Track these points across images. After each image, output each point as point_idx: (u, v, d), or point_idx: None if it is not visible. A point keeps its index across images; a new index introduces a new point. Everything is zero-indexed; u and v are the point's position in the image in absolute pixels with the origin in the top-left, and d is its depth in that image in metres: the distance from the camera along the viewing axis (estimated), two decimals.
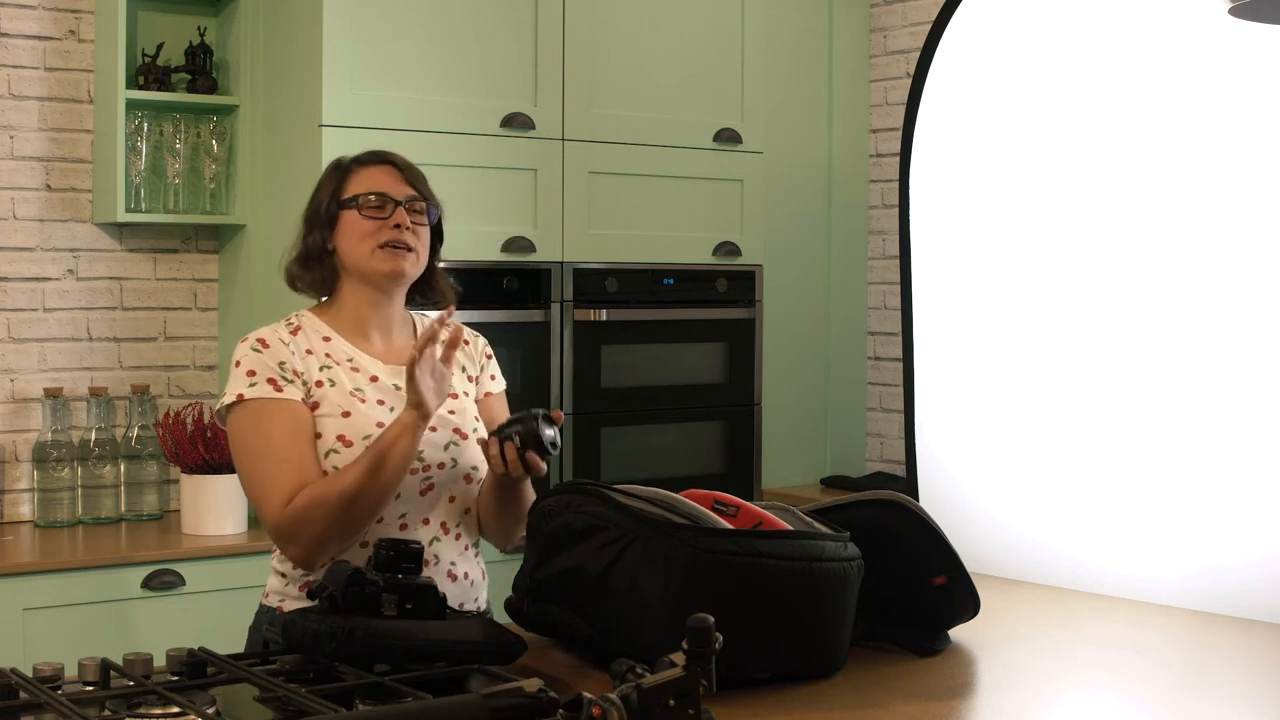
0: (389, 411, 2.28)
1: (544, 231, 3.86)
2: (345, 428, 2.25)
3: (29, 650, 3.14)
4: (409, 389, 2.16)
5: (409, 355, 2.17)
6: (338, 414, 2.26)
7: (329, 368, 2.30)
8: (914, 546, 2.20)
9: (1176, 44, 2.73)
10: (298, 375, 2.27)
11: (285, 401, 2.25)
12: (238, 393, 2.25)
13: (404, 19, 3.66)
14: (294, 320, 2.35)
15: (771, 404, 4.55)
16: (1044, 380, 2.93)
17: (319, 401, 2.27)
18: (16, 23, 3.75)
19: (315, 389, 2.27)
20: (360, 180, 2.35)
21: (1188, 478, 2.68)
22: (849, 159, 4.93)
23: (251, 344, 2.29)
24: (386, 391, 2.31)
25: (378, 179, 2.35)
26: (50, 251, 3.80)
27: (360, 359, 2.33)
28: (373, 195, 2.32)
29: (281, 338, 2.30)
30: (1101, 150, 2.85)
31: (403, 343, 2.39)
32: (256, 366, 2.26)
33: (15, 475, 3.75)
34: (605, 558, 1.97)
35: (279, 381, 2.25)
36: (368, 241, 2.30)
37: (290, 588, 2.30)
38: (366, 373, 2.32)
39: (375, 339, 2.36)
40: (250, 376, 2.26)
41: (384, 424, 2.25)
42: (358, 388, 2.29)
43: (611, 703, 1.39)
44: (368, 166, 2.37)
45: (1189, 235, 2.70)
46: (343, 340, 2.34)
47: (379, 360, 2.34)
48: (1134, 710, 2.01)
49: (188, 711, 1.60)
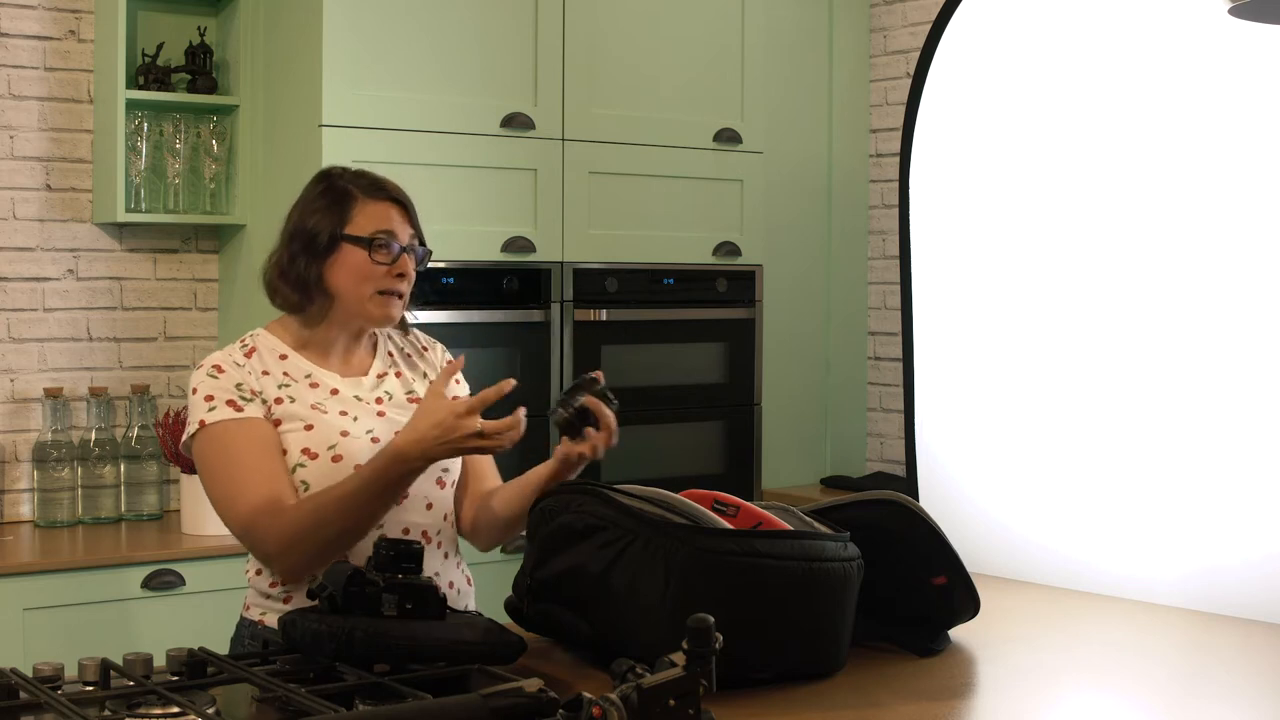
0: (352, 421, 2.26)
1: (544, 231, 3.86)
2: (309, 440, 2.23)
3: (29, 650, 3.14)
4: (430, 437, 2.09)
5: (430, 397, 2.12)
6: (300, 427, 2.23)
7: (287, 385, 2.27)
8: (914, 546, 2.20)
9: (1176, 44, 2.73)
10: (256, 394, 2.24)
11: (247, 419, 2.22)
12: (199, 419, 2.22)
13: (404, 19, 3.66)
14: (248, 342, 2.32)
15: (771, 404, 4.55)
16: (1044, 380, 2.93)
17: (280, 418, 2.24)
18: (16, 23, 3.75)
19: (275, 406, 2.24)
20: (369, 216, 2.28)
21: (1187, 478, 2.68)
22: (849, 159, 4.93)
23: (207, 370, 2.26)
24: (347, 402, 2.29)
25: (387, 217, 2.28)
26: (50, 251, 3.80)
27: (318, 374, 2.30)
28: (383, 236, 2.26)
29: (236, 360, 2.27)
30: (1102, 150, 2.85)
31: (360, 357, 2.36)
32: (214, 391, 2.23)
33: (15, 475, 3.76)
34: (605, 558, 1.98)
35: (238, 402, 2.22)
36: (368, 285, 2.26)
37: (273, 603, 2.27)
38: (326, 386, 2.30)
39: (334, 357, 2.34)
40: (209, 401, 2.22)
41: (348, 432, 2.24)
42: (318, 401, 2.27)
43: (611, 703, 1.39)
44: (375, 201, 2.29)
45: (1189, 235, 2.70)
46: (300, 358, 2.31)
47: (336, 374, 2.32)
48: (1134, 710, 2.01)
49: (188, 711, 1.60)
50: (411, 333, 2.46)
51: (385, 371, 2.37)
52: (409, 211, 2.32)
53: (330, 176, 2.34)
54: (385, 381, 2.36)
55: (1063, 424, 2.89)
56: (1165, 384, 2.72)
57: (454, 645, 1.87)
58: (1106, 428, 2.81)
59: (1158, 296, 2.74)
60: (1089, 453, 2.84)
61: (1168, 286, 2.73)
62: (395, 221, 2.28)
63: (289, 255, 2.29)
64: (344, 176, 2.33)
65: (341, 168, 2.37)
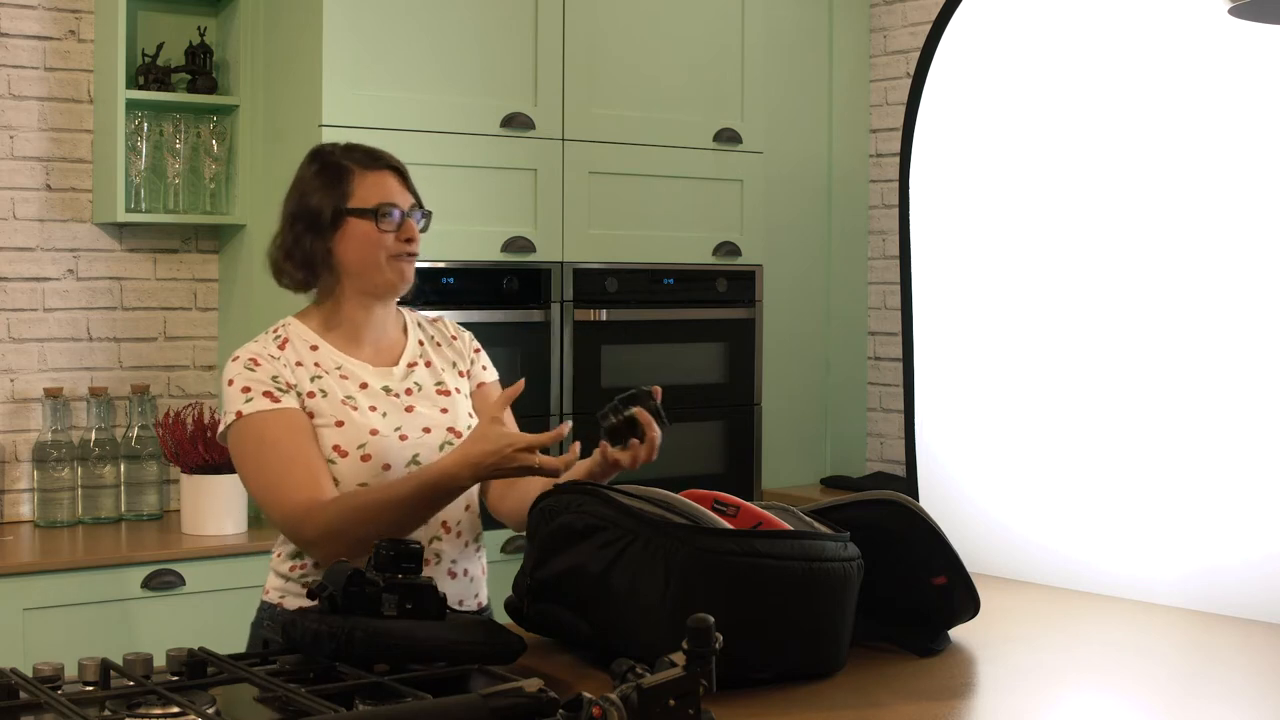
0: (381, 417, 2.30)
1: (544, 231, 3.86)
2: (340, 438, 2.27)
3: (29, 650, 3.14)
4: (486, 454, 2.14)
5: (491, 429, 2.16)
6: (331, 424, 2.28)
7: (319, 377, 2.31)
8: (914, 546, 2.19)
9: (1176, 44, 2.73)
10: (291, 387, 2.28)
11: (284, 410, 2.26)
12: (236, 410, 2.27)
13: (404, 19, 3.66)
14: (280, 332, 2.36)
15: (771, 404, 4.55)
16: (1044, 380, 2.93)
17: (313, 412, 2.28)
18: (16, 23, 3.75)
19: (309, 400, 2.28)
20: (369, 187, 2.32)
21: (1187, 478, 2.68)
22: (849, 159, 4.93)
23: (243, 363, 2.30)
24: (377, 396, 2.33)
25: (387, 187, 2.33)
26: (50, 251, 3.80)
27: (349, 365, 2.34)
28: (389, 207, 2.31)
29: (271, 353, 2.31)
30: (1102, 150, 2.85)
31: (390, 343, 2.40)
32: (250, 383, 2.27)
33: (15, 475, 3.76)
34: (605, 558, 1.98)
35: (275, 394, 2.27)
36: (379, 252, 2.31)
37: (291, 585, 2.31)
38: (356, 379, 2.33)
39: (366, 344, 2.38)
40: (246, 393, 2.27)
41: (377, 430, 2.28)
42: (349, 395, 2.31)
43: (611, 703, 1.39)
44: (371, 171, 2.34)
45: (1189, 236, 2.70)
46: (330, 348, 2.34)
47: (367, 364, 2.36)
48: (1134, 710, 2.01)
49: (188, 711, 1.60)
50: (440, 320, 2.51)
51: (415, 361, 2.41)
52: (405, 178, 2.38)
53: (322, 154, 2.38)
54: (415, 372, 2.40)
55: (1063, 424, 2.89)
56: (1165, 384, 2.72)
57: (454, 645, 1.87)
58: (1106, 428, 2.81)
59: (1157, 296, 2.74)
60: (1089, 453, 2.84)
61: (1167, 286, 2.73)
62: (395, 189, 2.34)
63: (293, 236, 2.34)
64: (335, 153, 2.37)
65: (331, 144, 2.41)
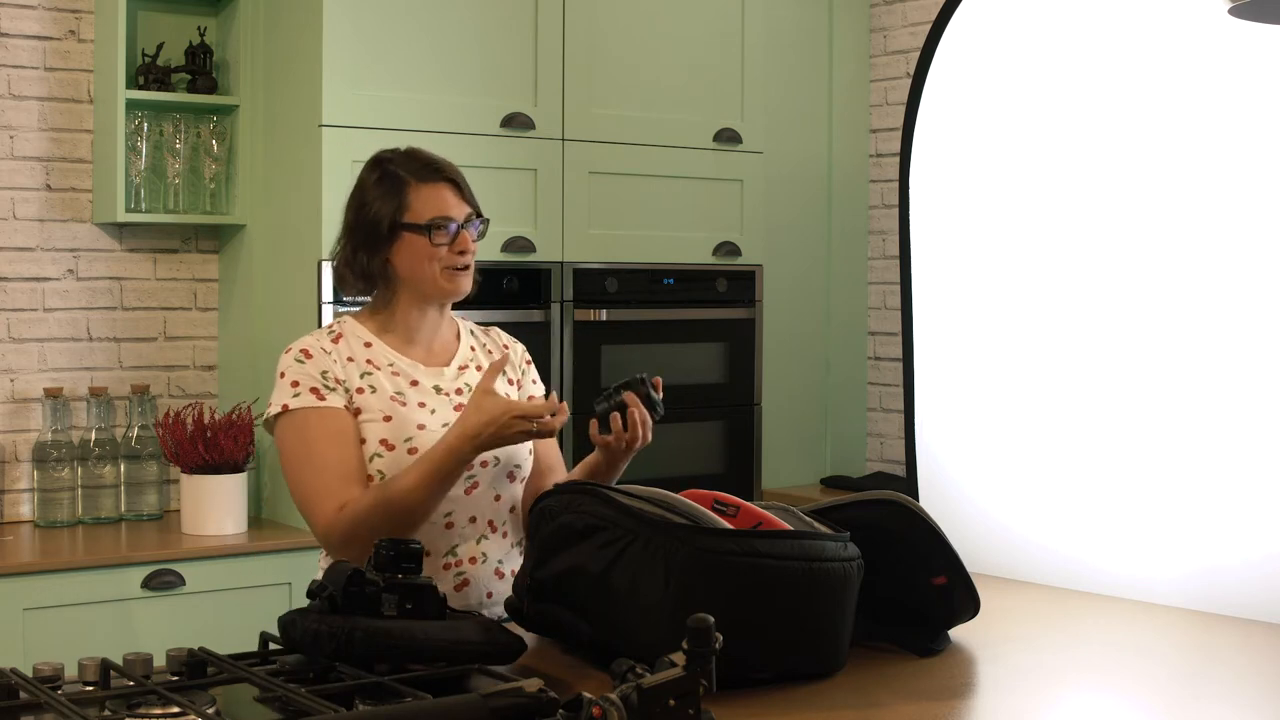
0: (430, 414, 2.35)
1: (544, 231, 3.86)
2: (387, 432, 2.32)
3: (29, 650, 3.14)
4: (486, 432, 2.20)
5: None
6: (379, 418, 2.33)
7: (370, 373, 2.36)
8: (914, 546, 2.19)
9: (1176, 44, 2.73)
10: (339, 383, 2.33)
11: (328, 409, 2.31)
12: (283, 403, 2.33)
13: (404, 19, 3.66)
14: (335, 328, 2.42)
15: (771, 404, 4.55)
16: (1044, 380, 2.93)
17: (361, 407, 2.33)
18: (16, 23, 3.75)
19: (357, 395, 2.34)
20: (425, 201, 2.36)
21: (1187, 478, 2.68)
22: (849, 159, 4.93)
23: (295, 354, 2.36)
24: (426, 393, 2.38)
25: (443, 200, 2.37)
26: (50, 251, 3.80)
27: (400, 363, 2.39)
28: (443, 221, 2.35)
29: (324, 347, 2.37)
30: (1102, 150, 2.85)
31: (443, 345, 2.46)
32: (300, 377, 2.33)
33: (15, 475, 3.75)
34: (605, 558, 1.97)
35: (322, 390, 2.32)
36: (433, 265, 2.36)
37: None
38: (407, 376, 2.38)
39: (419, 344, 2.43)
40: (294, 387, 2.33)
41: (424, 425, 2.33)
42: (399, 391, 2.36)
43: (611, 703, 1.39)
44: (428, 184, 2.37)
45: (1189, 236, 2.70)
46: (384, 346, 2.40)
47: (419, 363, 2.41)
48: (1134, 710, 2.01)
49: (188, 711, 1.60)
50: (493, 330, 2.58)
51: (467, 364, 2.46)
52: (462, 189, 2.40)
53: (382, 163, 2.42)
54: (466, 374, 2.45)
55: (1062, 424, 2.89)
56: (1165, 384, 2.72)
57: (454, 645, 1.87)
58: (1106, 428, 2.81)
59: (1157, 296, 2.74)
60: (1089, 453, 2.84)
61: (1167, 286, 2.73)
62: (450, 202, 2.37)
63: (352, 248, 2.39)
64: (394, 161, 2.40)
65: (392, 151, 2.44)
